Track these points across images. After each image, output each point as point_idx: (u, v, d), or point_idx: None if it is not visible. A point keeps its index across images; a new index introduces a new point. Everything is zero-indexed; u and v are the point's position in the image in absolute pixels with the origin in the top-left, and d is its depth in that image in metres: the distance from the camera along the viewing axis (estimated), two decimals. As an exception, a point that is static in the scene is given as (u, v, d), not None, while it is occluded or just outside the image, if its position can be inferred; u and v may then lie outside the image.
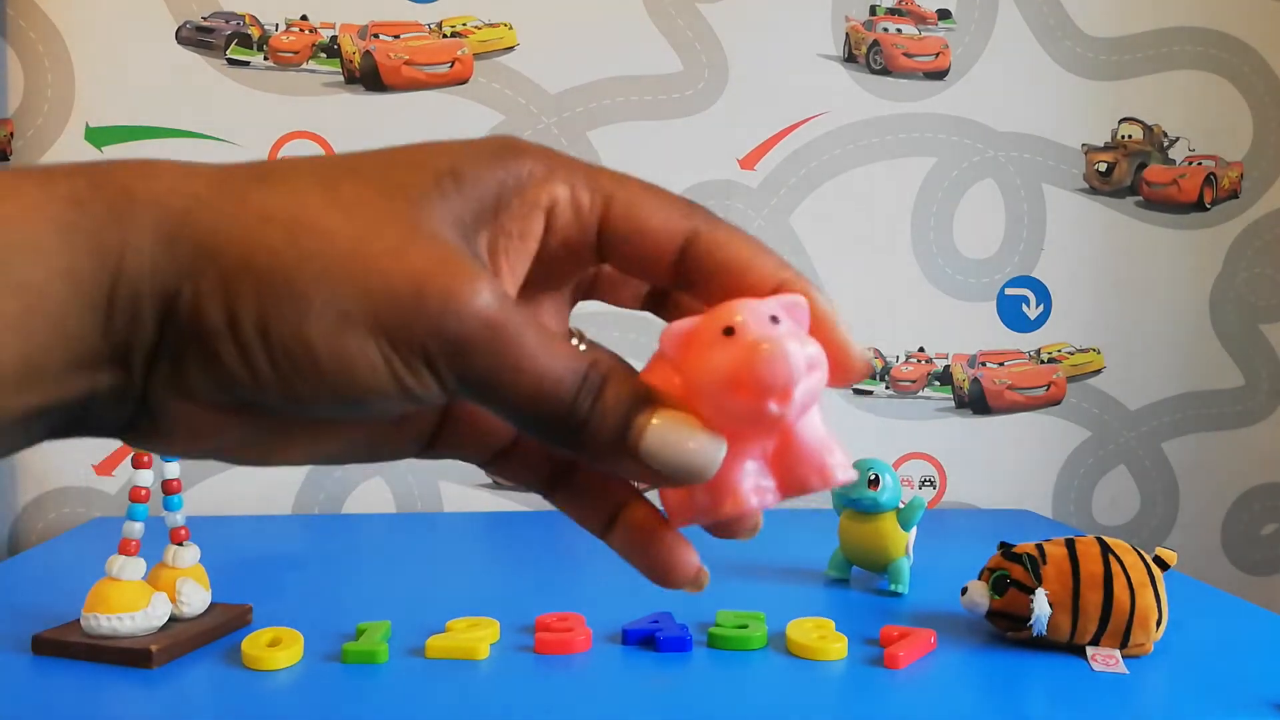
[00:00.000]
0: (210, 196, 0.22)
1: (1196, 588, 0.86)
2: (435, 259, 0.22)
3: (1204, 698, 0.62)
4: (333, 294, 0.21)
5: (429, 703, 0.60)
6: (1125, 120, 1.23)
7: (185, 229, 0.21)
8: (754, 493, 0.24)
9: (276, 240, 0.21)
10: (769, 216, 1.19)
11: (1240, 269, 1.25)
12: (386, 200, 0.22)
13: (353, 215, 0.22)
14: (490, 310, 0.22)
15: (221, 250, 0.21)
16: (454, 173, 0.23)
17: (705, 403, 0.23)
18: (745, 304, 0.23)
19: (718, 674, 0.65)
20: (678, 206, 0.25)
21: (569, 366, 0.22)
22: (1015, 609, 0.68)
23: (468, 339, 0.21)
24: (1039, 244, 1.23)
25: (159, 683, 0.63)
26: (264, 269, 0.21)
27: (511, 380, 0.22)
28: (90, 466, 1.12)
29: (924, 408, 1.23)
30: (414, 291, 0.21)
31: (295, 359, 0.21)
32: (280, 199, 0.22)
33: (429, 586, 0.83)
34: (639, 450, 0.23)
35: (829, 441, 0.25)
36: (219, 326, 0.21)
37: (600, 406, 0.23)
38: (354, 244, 0.21)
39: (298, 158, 0.24)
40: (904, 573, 0.81)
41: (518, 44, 1.16)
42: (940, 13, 1.20)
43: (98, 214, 0.21)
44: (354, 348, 0.21)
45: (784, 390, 0.22)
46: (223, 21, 1.13)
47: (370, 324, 0.21)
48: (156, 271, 0.21)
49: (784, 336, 0.23)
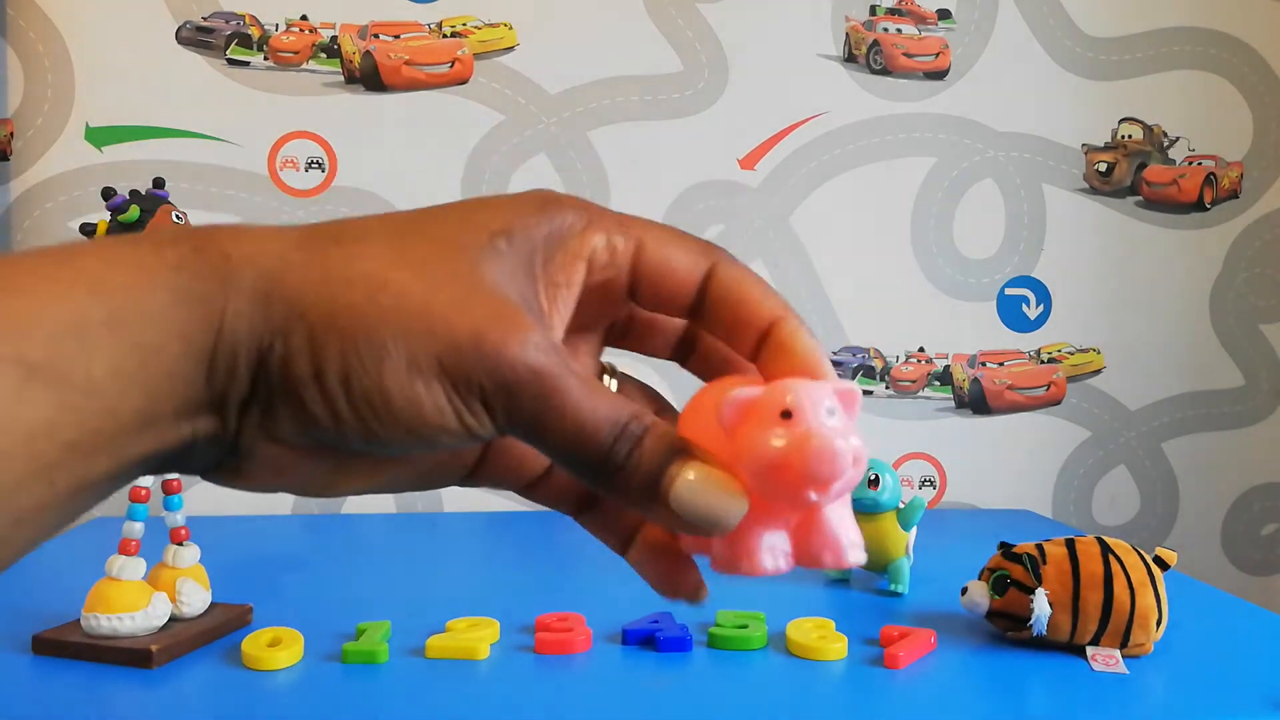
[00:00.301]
0: (297, 259, 0.24)
1: (1196, 588, 0.86)
2: (492, 312, 0.24)
3: (1204, 698, 0.62)
4: (405, 346, 0.24)
5: (429, 703, 0.60)
6: (1125, 120, 1.23)
7: (277, 290, 0.24)
8: (769, 557, 0.26)
9: (357, 299, 0.24)
10: (769, 216, 1.19)
11: (1240, 269, 1.25)
12: (449, 259, 0.25)
13: (421, 274, 0.25)
14: (538, 359, 0.24)
15: (309, 309, 0.24)
16: (506, 231, 0.26)
17: (749, 473, 0.25)
18: (804, 389, 0.25)
19: (718, 674, 0.65)
20: (698, 247, 0.28)
21: (609, 416, 0.25)
22: (1015, 609, 0.68)
23: (517, 383, 0.24)
24: (1039, 244, 1.23)
25: (159, 683, 0.63)
26: (346, 326, 0.24)
27: (555, 424, 0.25)
28: (90, 466, 1.12)
29: (924, 408, 1.23)
30: (473, 341, 0.24)
31: (374, 404, 0.24)
32: (357, 260, 0.25)
33: (429, 586, 0.83)
34: (669, 498, 0.25)
35: (848, 524, 0.27)
36: (306, 378, 0.24)
37: (637, 454, 0.25)
38: (423, 300, 0.24)
39: (367, 218, 0.26)
40: (904, 573, 0.81)
41: (518, 44, 1.16)
42: (940, 13, 1.20)
43: (203, 278, 0.24)
44: (423, 392, 0.24)
45: (826, 482, 0.24)
46: (223, 21, 1.13)
47: (436, 370, 0.24)
48: (253, 330, 0.24)
49: (835, 433, 0.25)
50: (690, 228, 1.14)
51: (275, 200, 1.14)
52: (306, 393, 0.24)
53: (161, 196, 0.75)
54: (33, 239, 1.12)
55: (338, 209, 1.15)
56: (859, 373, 1.21)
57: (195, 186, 1.13)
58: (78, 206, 1.11)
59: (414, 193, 1.16)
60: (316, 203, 1.15)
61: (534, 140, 1.17)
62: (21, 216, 1.12)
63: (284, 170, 1.14)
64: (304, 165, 1.14)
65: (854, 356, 1.21)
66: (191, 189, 1.12)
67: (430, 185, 1.16)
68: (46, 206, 1.12)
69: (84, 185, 1.12)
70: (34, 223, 1.12)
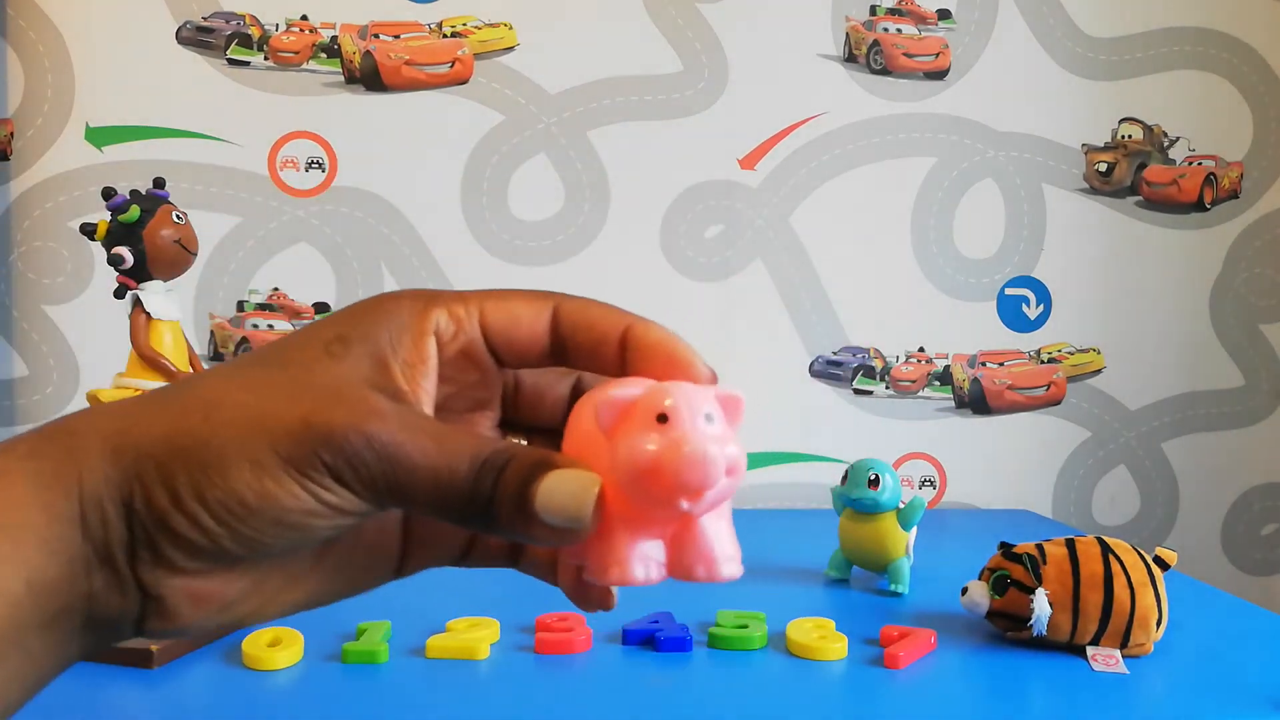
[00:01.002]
0: (138, 411, 0.27)
1: (1196, 588, 0.86)
2: (321, 399, 0.26)
3: (1204, 698, 0.62)
4: (244, 449, 0.25)
5: (429, 703, 0.60)
6: (1125, 120, 1.23)
7: (125, 442, 0.26)
8: (639, 566, 0.25)
9: (194, 423, 0.26)
10: (769, 216, 1.19)
11: (1240, 269, 1.25)
12: (284, 371, 0.27)
13: (257, 389, 0.27)
14: (368, 424, 0.26)
15: (153, 446, 0.26)
16: (340, 337, 0.28)
17: (624, 478, 0.24)
18: (683, 392, 0.25)
19: (718, 674, 0.65)
20: (538, 295, 0.30)
21: (465, 454, 0.26)
22: (1015, 609, 0.68)
23: (355, 450, 0.25)
24: (1039, 244, 1.23)
25: (159, 683, 0.63)
26: (187, 448, 0.26)
27: (410, 477, 0.26)
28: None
29: (924, 408, 1.23)
30: (302, 424, 0.25)
31: (233, 510, 0.25)
32: (193, 391, 0.27)
33: (429, 586, 0.83)
34: (535, 510, 0.25)
35: (725, 537, 0.26)
36: (168, 507, 0.25)
37: (502, 481, 0.26)
38: (255, 407, 0.26)
39: (214, 366, 0.28)
40: (904, 573, 0.81)
41: (518, 44, 1.16)
42: (940, 13, 1.20)
43: (54, 455, 0.26)
44: (272, 485, 0.25)
45: (697, 491, 0.24)
46: (223, 21, 1.13)
47: (278, 462, 0.25)
48: (109, 482, 0.26)
49: (710, 440, 0.24)
50: (690, 228, 1.14)
51: (275, 200, 1.14)
52: (173, 520, 0.25)
53: (161, 196, 0.75)
54: (33, 239, 1.12)
55: (338, 209, 1.15)
56: (859, 373, 1.21)
57: (195, 186, 1.13)
58: (78, 206, 1.11)
59: (414, 192, 1.16)
60: (316, 202, 1.15)
61: (534, 140, 1.17)
62: (21, 216, 1.12)
63: (284, 170, 1.14)
64: (304, 165, 1.14)
65: (854, 356, 1.21)
66: (191, 189, 1.12)
67: (430, 185, 1.16)
68: (46, 206, 1.12)
69: (84, 185, 1.12)
70: (34, 223, 1.12)
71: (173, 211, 0.73)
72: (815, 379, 1.21)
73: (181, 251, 0.74)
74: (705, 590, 0.81)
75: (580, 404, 0.28)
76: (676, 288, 1.18)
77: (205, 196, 1.13)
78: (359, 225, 1.15)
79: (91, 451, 0.26)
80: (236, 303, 1.15)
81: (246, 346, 1.14)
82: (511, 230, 1.17)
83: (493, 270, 1.16)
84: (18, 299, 1.12)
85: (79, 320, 1.12)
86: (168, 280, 0.74)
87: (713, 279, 1.19)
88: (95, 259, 1.10)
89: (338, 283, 1.16)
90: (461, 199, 1.16)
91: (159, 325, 0.73)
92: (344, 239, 1.15)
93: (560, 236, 1.18)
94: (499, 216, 1.17)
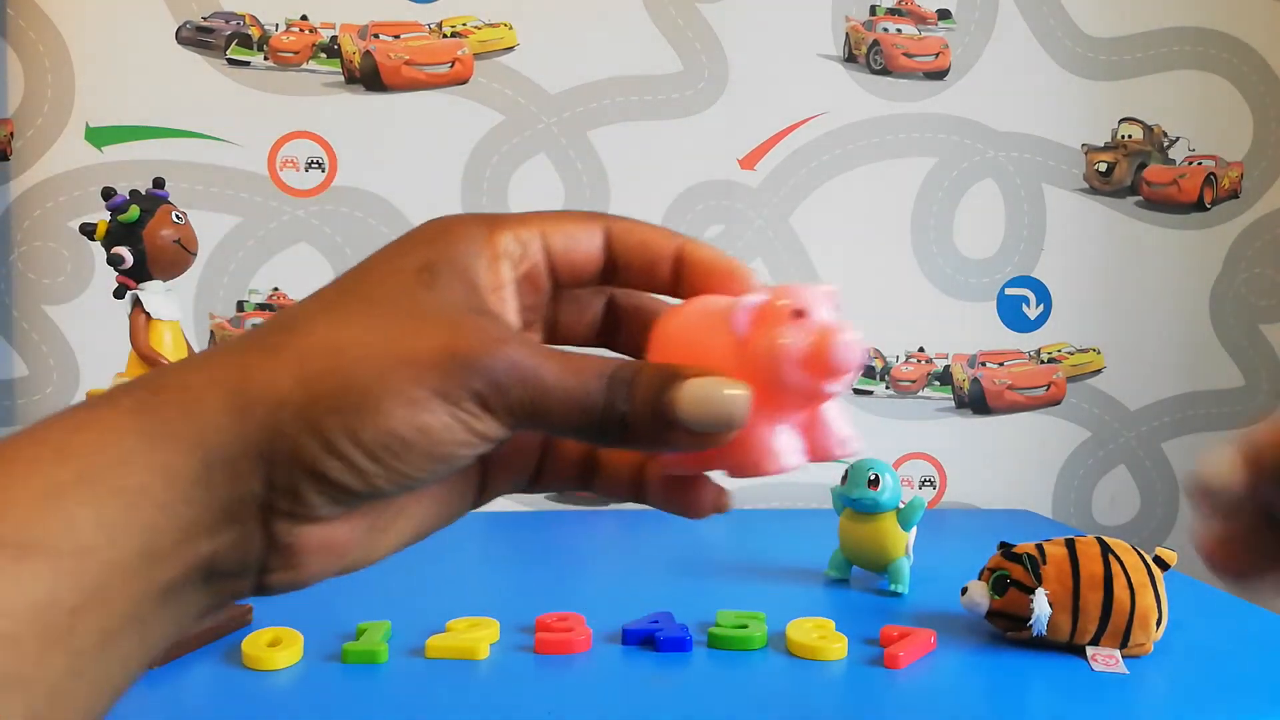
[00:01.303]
0: (254, 360, 0.26)
1: (1196, 588, 0.86)
2: (449, 328, 0.26)
3: (1204, 698, 0.62)
4: (391, 386, 0.25)
5: (429, 703, 0.60)
6: (1125, 120, 1.23)
7: (249, 393, 0.25)
8: (789, 453, 0.28)
9: (326, 364, 0.25)
10: (769, 216, 1.19)
11: (1240, 269, 1.25)
12: (389, 304, 0.27)
13: (367, 324, 0.26)
14: (509, 350, 0.26)
15: (289, 394, 0.25)
16: (428, 266, 0.28)
17: (764, 373, 0.27)
18: (808, 290, 0.28)
19: (718, 674, 0.65)
20: (591, 216, 0.31)
21: (594, 373, 0.27)
22: (1015, 609, 0.68)
23: (500, 377, 0.26)
24: (1039, 244, 1.23)
25: (159, 683, 0.63)
26: (331, 393, 0.25)
27: (548, 399, 0.26)
28: (90, 466, 1.12)
29: (924, 408, 1.23)
30: (447, 355, 0.25)
31: (390, 447, 0.25)
32: (308, 336, 0.26)
33: (429, 586, 0.83)
34: (677, 416, 0.26)
35: (845, 419, 0.29)
36: (318, 453, 0.25)
37: (635, 395, 0.27)
38: (385, 342, 0.26)
39: (294, 305, 0.28)
40: (904, 573, 0.81)
41: (518, 44, 1.16)
42: (940, 13, 1.20)
43: (167, 412, 0.25)
44: (427, 417, 0.25)
45: (846, 370, 0.27)
46: (223, 21, 1.13)
47: (429, 395, 0.25)
48: (240, 438, 0.25)
49: (849, 326, 0.27)
50: (690, 228, 1.14)
51: (275, 200, 1.14)
52: (325, 465, 0.25)
53: (161, 196, 0.75)
54: (33, 239, 1.12)
55: (338, 209, 1.15)
56: (859, 372, 1.21)
57: (195, 186, 1.13)
58: (78, 206, 1.11)
59: (414, 192, 1.16)
60: (316, 202, 1.15)
61: (534, 140, 1.17)
62: (21, 216, 1.12)
63: (284, 170, 1.14)
64: (304, 165, 1.14)
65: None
66: (191, 189, 1.12)
67: (430, 185, 1.16)
68: (47, 206, 1.12)
69: (84, 185, 1.12)
70: (34, 223, 1.12)
71: (172, 211, 0.73)
72: (815, 379, 1.21)
73: (181, 251, 0.74)
74: (705, 590, 0.81)
75: (666, 318, 0.30)
76: (676, 288, 1.18)
77: (205, 196, 1.13)
78: (359, 225, 1.15)
79: (213, 407, 0.25)
80: (236, 303, 1.15)
81: (246, 346, 1.14)
82: (511, 230, 1.17)
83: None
84: (18, 299, 1.12)
85: (79, 320, 1.12)
86: (167, 280, 0.74)
87: (713, 279, 1.19)
88: (95, 259, 1.10)
89: (338, 283, 1.16)
90: (461, 199, 1.16)
91: (159, 325, 0.73)
92: (344, 239, 1.15)
93: (560, 236, 1.18)
94: (499, 216, 1.17)
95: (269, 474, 0.25)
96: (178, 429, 0.24)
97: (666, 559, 0.91)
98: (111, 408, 0.25)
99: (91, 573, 0.23)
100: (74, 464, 0.23)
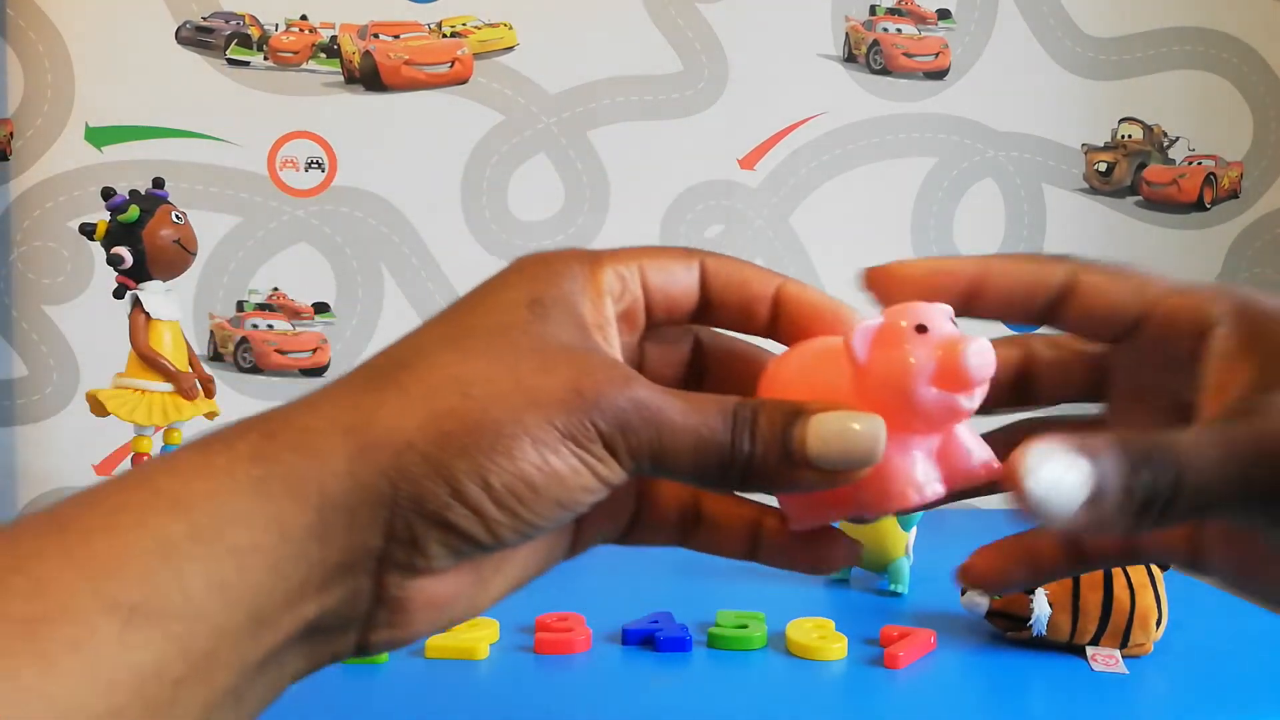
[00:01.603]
0: (372, 401, 0.24)
1: (1196, 588, 0.86)
2: (572, 364, 0.25)
3: (1204, 698, 0.62)
4: (521, 426, 0.23)
5: (429, 703, 0.60)
6: (1125, 120, 1.23)
7: (372, 436, 0.23)
8: (930, 483, 0.26)
9: (454, 405, 0.24)
10: (769, 216, 1.19)
11: (1240, 269, 1.25)
12: (505, 339, 0.25)
13: (493, 360, 0.25)
14: (632, 390, 0.25)
15: (415, 437, 0.23)
16: (535, 299, 0.26)
17: (893, 396, 0.25)
18: (924, 306, 0.26)
19: (718, 674, 0.65)
20: (685, 253, 0.29)
21: (717, 412, 0.25)
22: (1015, 609, 0.68)
23: (628, 417, 0.24)
24: (1039, 244, 1.23)
25: (159, 683, 0.63)
26: (458, 432, 0.23)
27: (674, 441, 0.25)
28: (90, 466, 1.12)
29: (924, 408, 1.23)
30: (575, 395, 0.24)
31: (520, 494, 0.24)
32: (429, 373, 0.24)
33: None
34: (808, 456, 0.25)
35: (977, 437, 0.27)
36: (447, 500, 0.23)
37: (758, 434, 0.25)
38: (510, 379, 0.24)
39: (408, 337, 0.26)
40: (904, 573, 0.81)
41: (518, 44, 1.16)
42: (940, 13, 1.20)
43: (285, 459, 0.23)
44: (556, 461, 0.24)
45: (980, 380, 0.25)
46: (223, 21, 1.13)
47: (557, 435, 0.24)
48: (361, 485, 0.23)
49: (977, 338, 0.25)
50: (690, 227, 1.14)
51: (275, 200, 1.14)
52: (453, 515, 0.23)
53: (161, 196, 0.75)
54: (33, 239, 1.12)
55: (337, 209, 1.15)
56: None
57: (195, 186, 1.13)
58: (78, 206, 1.11)
59: (414, 192, 1.16)
60: (316, 202, 1.15)
61: (534, 140, 1.17)
62: (21, 216, 1.12)
63: (284, 170, 1.14)
64: (304, 165, 1.14)
65: (854, 356, 1.21)
66: (191, 189, 1.12)
67: (430, 185, 1.16)
68: (46, 206, 1.12)
69: (84, 185, 1.12)
70: (34, 223, 1.12)
71: (172, 211, 0.73)
72: (815, 379, 1.21)
73: (181, 251, 0.74)
74: (705, 590, 0.81)
75: (776, 363, 0.29)
76: (676, 288, 1.18)
77: (205, 196, 1.13)
78: (359, 225, 1.15)
79: (333, 452, 0.23)
80: (236, 303, 1.15)
81: (246, 346, 1.14)
82: (511, 230, 1.17)
83: (493, 270, 1.16)
84: (18, 299, 1.12)
85: (79, 320, 1.12)
86: (167, 280, 0.74)
87: (713, 279, 1.19)
88: (95, 259, 1.10)
89: (337, 283, 1.16)
90: (461, 199, 1.16)
91: (158, 325, 0.73)
92: (344, 239, 1.15)
93: (560, 237, 1.18)
94: (499, 216, 1.17)
95: (389, 523, 0.23)
96: (294, 479, 0.23)
97: (666, 559, 0.91)
98: (226, 451, 0.23)
99: (200, 640, 0.21)
100: (188, 517, 0.22)
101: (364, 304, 1.16)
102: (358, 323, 1.16)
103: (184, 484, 0.22)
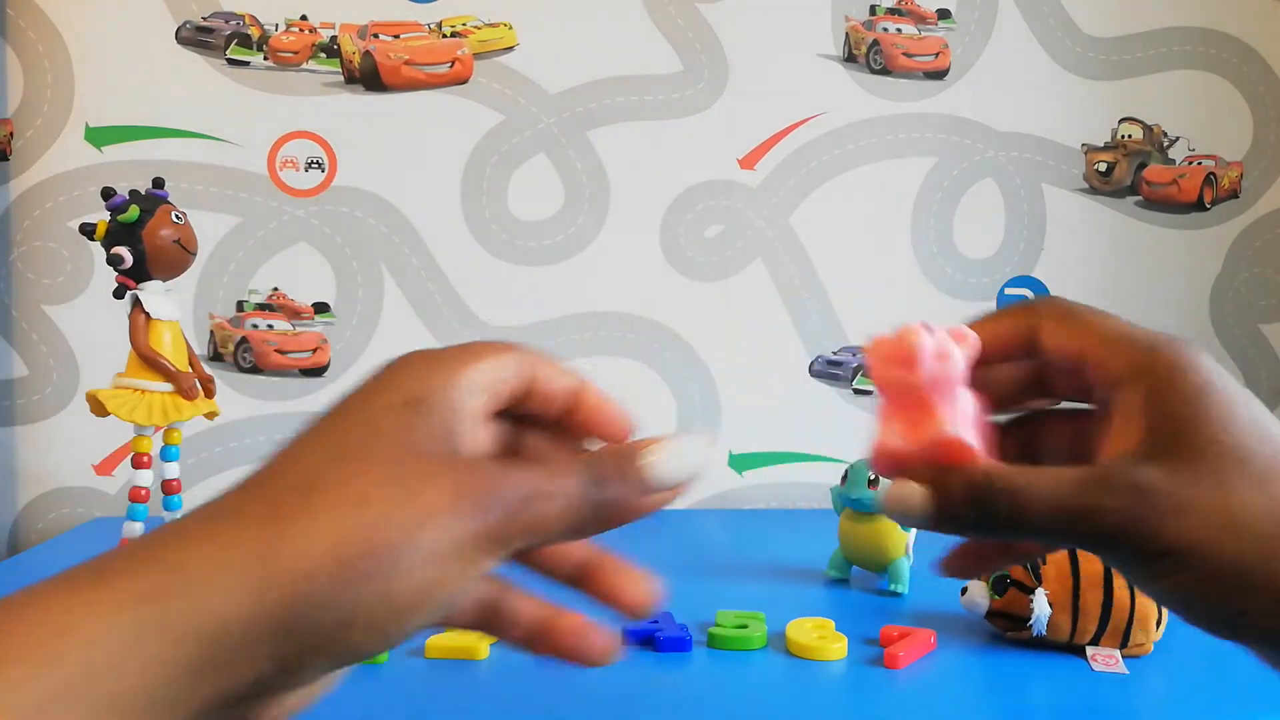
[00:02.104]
0: (274, 533, 0.24)
1: (1196, 588, 0.86)
2: (454, 468, 0.26)
3: (1204, 698, 0.62)
4: (415, 541, 0.25)
5: (429, 703, 0.60)
6: (1125, 120, 1.23)
7: (273, 567, 0.24)
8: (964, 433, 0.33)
9: (353, 527, 0.24)
10: (769, 216, 1.19)
11: (1240, 269, 1.25)
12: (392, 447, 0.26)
13: (381, 473, 0.25)
14: (505, 480, 0.27)
15: (319, 564, 0.24)
16: (409, 401, 0.27)
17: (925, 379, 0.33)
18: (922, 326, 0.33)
19: (718, 674, 0.65)
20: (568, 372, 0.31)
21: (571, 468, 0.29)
22: (1015, 609, 0.68)
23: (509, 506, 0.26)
24: (1039, 244, 1.23)
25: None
26: (362, 556, 0.24)
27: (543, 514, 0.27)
28: (90, 466, 1.12)
29: (924, 408, 1.22)
30: (458, 498, 0.26)
31: (416, 606, 0.25)
32: (328, 492, 0.25)
33: (429, 586, 0.83)
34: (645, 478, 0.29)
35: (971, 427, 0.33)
36: (345, 621, 0.24)
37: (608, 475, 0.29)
38: (402, 492, 0.25)
39: (298, 449, 0.27)
40: (904, 573, 0.81)
41: (518, 44, 1.16)
42: (940, 13, 1.20)
43: (175, 596, 0.23)
44: (446, 567, 0.25)
45: (908, 360, 0.33)
46: (223, 21, 1.13)
47: (450, 544, 0.25)
48: (255, 618, 0.23)
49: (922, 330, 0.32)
50: (690, 228, 1.14)
51: (275, 200, 1.14)
52: (355, 635, 0.24)
53: (161, 196, 0.75)
54: (32, 239, 1.12)
55: (337, 209, 1.15)
56: (859, 372, 1.21)
57: (195, 186, 1.13)
58: (78, 206, 1.11)
59: (414, 192, 1.16)
60: (316, 202, 1.15)
61: (534, 140, 1.17)
62: (21, 216, 1.12)
63: (284, 170, 1.14)
64: (304, 165, 1.14)
65: (854, 356, 1.21)
66: (191, 189, 1.12)
67: (430, 185, 1.16)
68: (46, 206, 1.12)
69: (84, 185, 1.12)
70: (34, 223, 1.12)
71: (172, 211, 0.73)
72: (815, 379, 1.21)
73: (181, 251, 0.74)
74: (705, 590, 0.81)
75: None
76: (676, 288, 1.18)
77: (205, 196, 1.13)
78: (359, 225, 1.15)
79: (227, 585, 0.23)
80: (236, 303, 1.15)
81: (246, 346, 1.14)
82: (511, 230, 1.17)
83: (493, 270, 1.16)
84: (18, 299, 1.12)
85: (79, 320, 1.12)
86: (167, 280, 0.74)
87: (713, 279, 1.19)
88: (95, 259, 1.10)
89: (337, 283, 1.16)
90: (461, 199, 1.16)
91: (158, 325, 0.73)
92: (344, 239, 1.15)
93: (560, 236, 1.18)
94: (499, 216, 1.17)
95: (282, 653, 0.24)
96: (184, 615, 0.23)
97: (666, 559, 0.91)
98: (109, 591, 0.23)
99: None
100: (67, 665, 0.22)
101: (364, 304, 1.16)
102: (358, 323, 1.16)
103: (64, 630, 0.22)
